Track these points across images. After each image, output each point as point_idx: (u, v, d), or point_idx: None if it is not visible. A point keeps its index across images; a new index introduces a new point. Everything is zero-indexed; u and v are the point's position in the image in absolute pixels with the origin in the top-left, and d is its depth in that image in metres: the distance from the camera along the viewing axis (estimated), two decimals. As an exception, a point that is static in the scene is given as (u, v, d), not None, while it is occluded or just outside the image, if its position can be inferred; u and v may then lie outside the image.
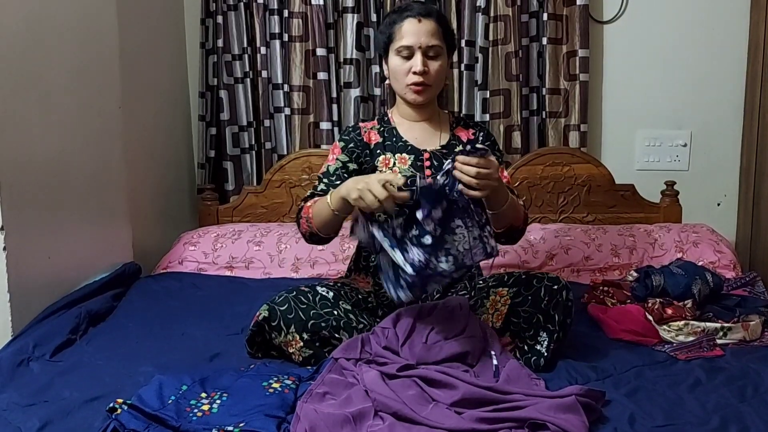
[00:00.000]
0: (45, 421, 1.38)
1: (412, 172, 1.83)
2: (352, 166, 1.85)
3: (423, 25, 1.78)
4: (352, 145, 1.87)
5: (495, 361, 1.58)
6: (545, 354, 1.63)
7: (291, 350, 1.66)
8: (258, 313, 1.68)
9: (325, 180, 1.84)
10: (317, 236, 1.78)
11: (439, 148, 1.88)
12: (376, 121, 1.93)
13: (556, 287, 1.66)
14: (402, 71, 1.80)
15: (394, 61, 1.80)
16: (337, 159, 1.86)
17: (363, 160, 1.86)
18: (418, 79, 1.78)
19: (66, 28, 2.00)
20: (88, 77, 2.09)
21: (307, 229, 1.78)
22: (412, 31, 1.77)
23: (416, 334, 1.62)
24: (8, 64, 1.76)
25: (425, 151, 1.87)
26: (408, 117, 1.90)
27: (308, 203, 1.78)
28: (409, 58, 1.78)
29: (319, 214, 1.73)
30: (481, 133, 1.93)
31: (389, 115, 1.93)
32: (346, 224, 1.71)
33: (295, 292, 1.69)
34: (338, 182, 1.77)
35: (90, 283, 2.08)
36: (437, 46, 1.79)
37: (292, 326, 1.65)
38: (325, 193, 1.77)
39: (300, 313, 1.65)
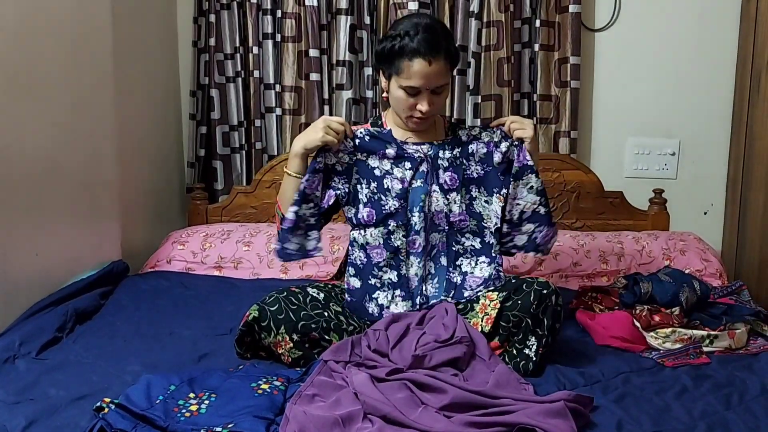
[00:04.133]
0: (31, 420, 1.36)
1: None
2: None
3: (433, 67, 1.70)
4: None
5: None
6: (534, 358, 1.64)
7: (280, 351, 1.66)
8: (248, 313, 1.67)
9: None
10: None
11: None
12: (369, 125, 1.92)
13: (545, 292, 1.66)
14: (406, 106, 1.76)
15: (398, 93, 1.76)
16: None
17: None
18: (421, 115, 1.77)
19: (59, 25, 1.98)
20: (80, 74, 2.08)
21: (279, 226, 1.82)
22: (422, 74, 1.70)
23: (407, 339, 1.62)
24: (0, 60, 1.75)
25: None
26: (403, 125, 1.87)
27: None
28: (414, 95, 1.75)
29: (283, 192, 1.82)
30: None
31: (383, 119, 1.91)
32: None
33: (285, 293, 1.69)
34: None
35: (77, 281, 2.07)
36: (444, 84, 1.77)
37: (282, 327, 1.64)
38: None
39: (290, 313, 1.65)
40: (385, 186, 1.81)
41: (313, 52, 2.68)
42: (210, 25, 2.71)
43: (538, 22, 2.65)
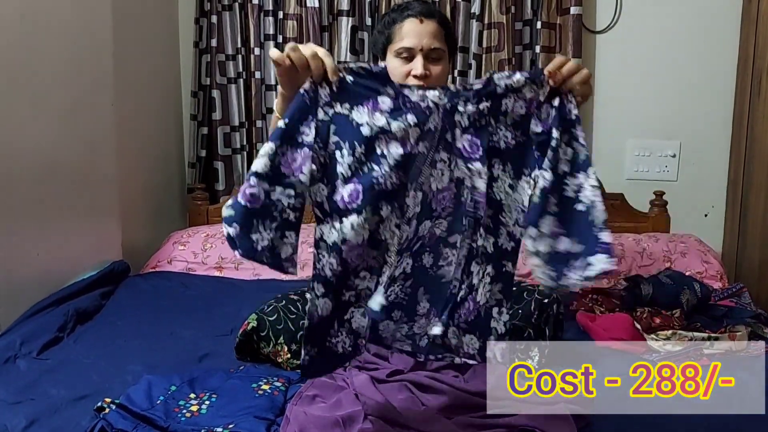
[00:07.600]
0: (31, 419, 1.37)
1: None
2: None
3: (425, 25, 1.67)
4: None
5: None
6: (537, 368, 1.62)
7: (279, 360, 1.65)
8: (246, 323, 1.66)
9: None
10: None
11: None
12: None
13: (546, 301, 1.65)
14: (401, 74, 1.67)
15: (392, 63, 1.69)
16: None
17: None
18: (417, 82, 1.69)
19: (60, 24, 1.99)
20: (81, 74, 2.08)
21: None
22: (414, 32, 1.66)
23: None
24: (1, 59, 1.75)
25: None
26: None
27: None
28: (409, 60, 1.67)
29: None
30: None
31: None
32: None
33: (284, 302, 1.68)
34: None
35: (78, 281, 2.07)
36: (439, 49, 1.68)
37: (281, 337, 1.64)
38: None
39: (289, 323, 1.64)
40: (379, 151, 1.21)
41: (315, 54, 2.68)
42: (211, 25, 2.71)
43: (539, 24, 2.66)
